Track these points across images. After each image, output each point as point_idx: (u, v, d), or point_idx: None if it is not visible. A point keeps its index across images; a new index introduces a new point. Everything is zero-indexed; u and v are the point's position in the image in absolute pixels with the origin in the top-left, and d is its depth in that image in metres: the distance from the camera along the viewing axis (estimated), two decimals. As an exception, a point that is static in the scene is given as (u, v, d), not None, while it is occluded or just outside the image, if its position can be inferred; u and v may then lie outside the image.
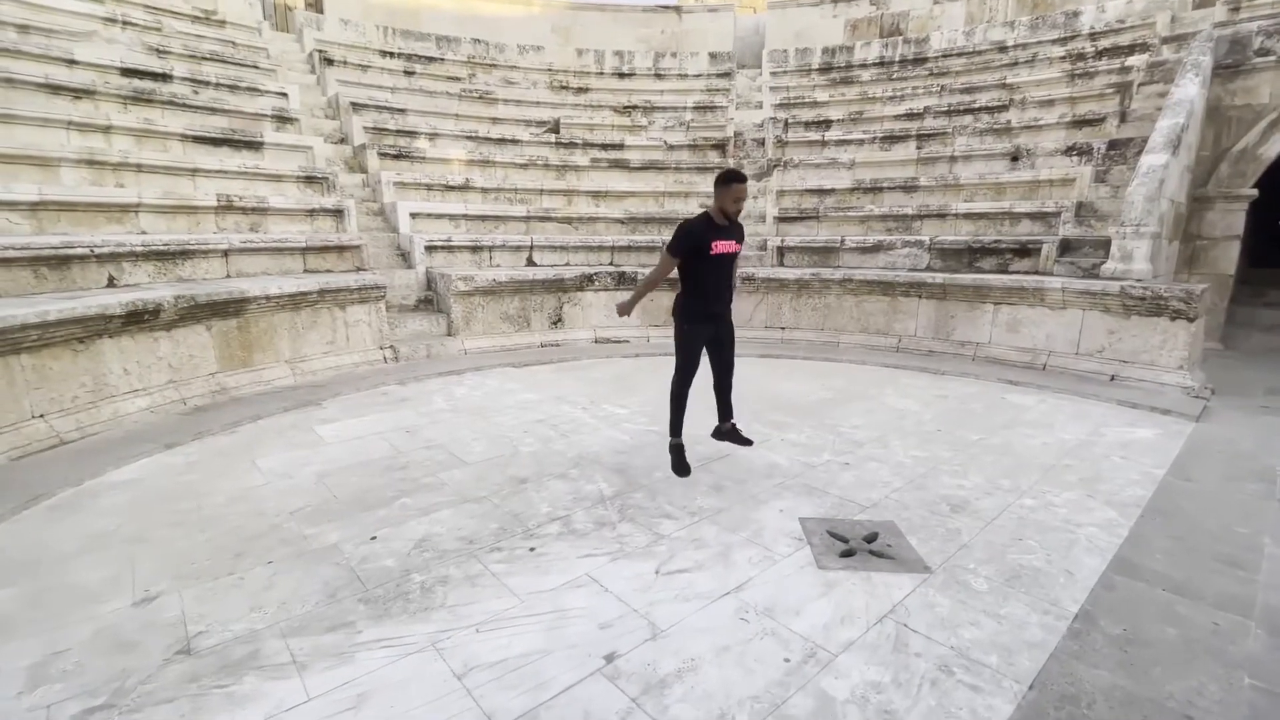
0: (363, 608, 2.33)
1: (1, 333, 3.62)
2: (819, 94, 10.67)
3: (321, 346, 5.89)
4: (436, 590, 2.44)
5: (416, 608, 2.33)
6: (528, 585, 2.48)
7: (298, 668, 2.02)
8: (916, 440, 4.21)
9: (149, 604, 2.36)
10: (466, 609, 2.33)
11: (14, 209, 4.72)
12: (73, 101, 6.06)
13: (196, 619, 2.27)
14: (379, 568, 2.61)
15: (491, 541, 2.82)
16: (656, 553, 2.73)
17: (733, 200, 3.18)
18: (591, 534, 2.90)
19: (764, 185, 9.33)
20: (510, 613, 2.30)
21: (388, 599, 2.39)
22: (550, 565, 2.62)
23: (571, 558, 2.68)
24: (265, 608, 2.33)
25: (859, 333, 7.38)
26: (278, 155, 7.23)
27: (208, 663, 2.05)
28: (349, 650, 2.10)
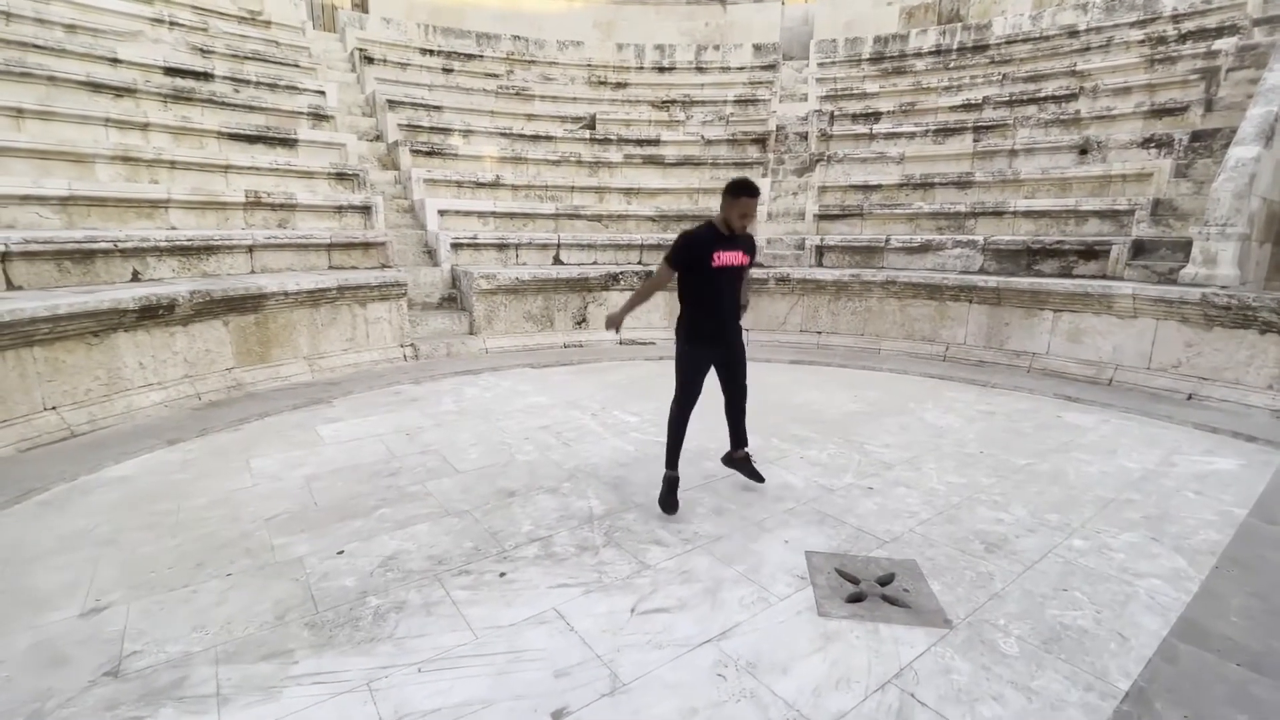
0: (307, 634, 2.15)
1: (11, 325, 3.65)
2: (868, 85, 10.10)
3: (341, 343, 5.87)
4: (389, 618, 2.24)
5: (363, 637, 2.14)
6: (487, 618, 2.25)
7: (219, 701, 1.85)
8: (954, 463, 3.78)
9: (95, 615, 2.25)
10: (415, 642, 2.11)
11: (44, 203, 4.83)
12: (114, 99, 6.23)
13: (136, 635, 2.14)
14: (337, 587, 2.43)
15: (461, 563, 2.61)
16: (637, 586, 2.45)
17: (739, 214, 2.85)
18: (570, 559, 2.65)
19: (805, 181, 8.87)
20: (460, 650, 2.07)
21: (335, 625, 2.20)
22: (517, 595, 2.39)
23: (542, 587, 2.44)
24: (209, 627, 2.19)
25: (902, 339, 6.88)
26: (311, 152, 7.28)
27: (131, 688, 1.90)
28: (279, 684, 1.92)
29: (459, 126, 8.85)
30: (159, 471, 3.53)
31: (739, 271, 3.04)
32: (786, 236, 8.15)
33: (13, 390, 3.76)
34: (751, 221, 2.91)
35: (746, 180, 2.87)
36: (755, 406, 4.74)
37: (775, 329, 7.45)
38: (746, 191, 2.84)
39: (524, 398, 5.13)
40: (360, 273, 6.17)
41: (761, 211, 8.48)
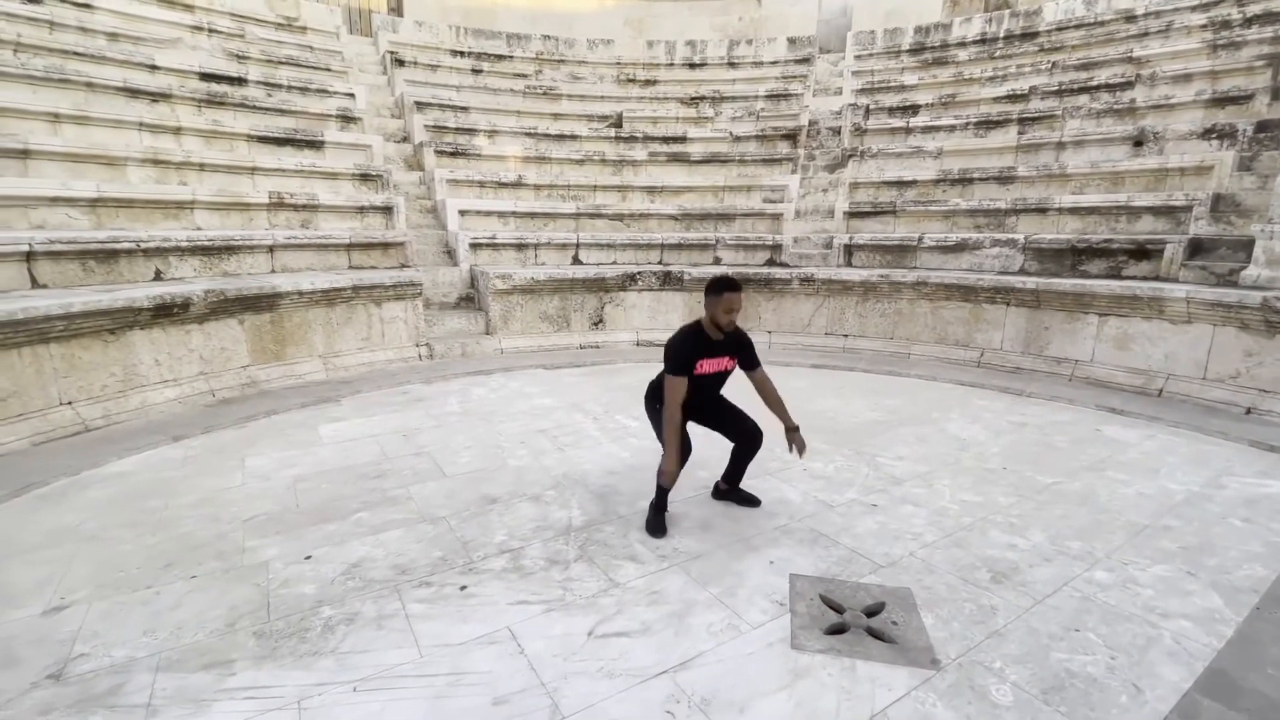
0: (253, 643, 2.10)
1: (25, 323, 3.77)
2: (907, 77, 9.66)
3: (356, 342, 5.92)
4: (338, 630, 2.17)
5: (307, 650, 2.07)
6: (438, 635, 2.14)
7: (147, 713, 1.80)
8: (972, 479, 3.50)
9: (56, 614, 2.25)
10: (358, 658, 2.03)
11: (74, 205, 5.01)
12: (149, 104, 6.46)
13: (89, 637, 2.12)
14: (295, 594, 2.37)
15: (425, 574, 2.52)
16: (602, 606, 2.31)
17: (724, 311, 2.75)
18: (538, 574, 2.52)
19: (836, 177, 8.54)
20: (402, 670, 1.97)
21: (283, 635, 2.14)
22: (474, 611, 2.28)
23: (502, 603, 2.32)
24: (159, 631, 2.15)
25: (934, 343, 6.51)
26: (337, 154, 7.40)
27: (69, 693, 1.88)
28: (211, 698, 1.86)
29: (484, 127, 8.87)
30: (157, 468, 3.59)
31: (723, 376, 3.00)
32: (814, 235, 7.85)
33: (29, 385, 3.89)
34: (737, 316, 2.79)
35: (727, 277, 2.79)
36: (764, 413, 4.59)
37: (799, 331, 7.18)
38: (729, 287, 2.74)
39: (530, 399, 5.04)
40: (375, 272, 6.21)
41: (789, 209, 8.21)
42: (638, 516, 2.99)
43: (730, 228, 8.25)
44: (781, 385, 5.49)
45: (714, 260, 7.86)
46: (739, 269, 7.37)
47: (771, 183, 8.61)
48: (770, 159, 9.01)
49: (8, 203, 4.68)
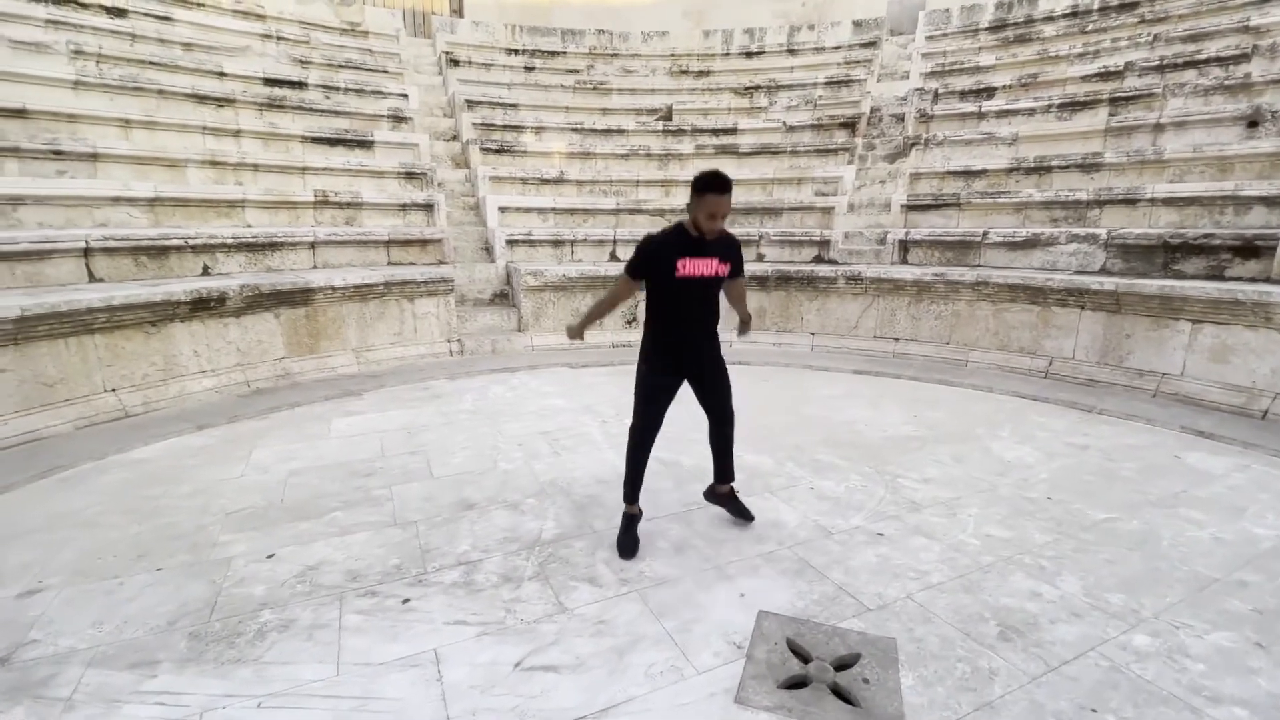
0: (184, 645, 2.07)
1: (70, 314, 4.03)
2: (983, 58, 8.85)
3: (389, 337, 6.03)
4: (269, 637, 2.11)
5: (231, 657, 2.01)
6: (363, 651, 2.04)
7: (65, 707, 1.80)
8: (1005, 510, 3.06)
9: (28, 597, 2.32)
10: (276, 670, 1.95)
11: (134, 204, 5.36)
12: (215, 109, 6.85)
13: (45, 624, 2.17)
14: (244, 595, 2.34)
15: (374, 582, 2.43)
16: (540, 633, 2.14)
17: (706, 214, 2.37)
18: (486, 591, 2.38)
19: (896, 168, 7.93)
20: (312, 688, 1.88)
21: (216, 638, 2.10)
22: (408, 628, 2.16)
23: (438, 621, 2.19)
24: (107, 624, 2.17)
25: (996, 350, 5.89)
26: (386, 153, 7.61)
27: (8, 679, 1.91)
28: (124, 698, 1.83)
29: (531, 123, 8.88)
30: (174, 456, 3.74)
31: (712, 284, 2.58)
32: (867, 230, 7.32)
33: (75, 373, 4.16)
34: (721, 221, 2.40)
35: (715, 173, 2.38)
36: (787, 422, 4.29)
37: (845, 334, 6.71)
38: (713, 187, 2.35)
39: (544, 399, 4.94)
40: (408, 268, 6.31)
41: (841, 202, 7.70)
42: (613, 532, 2.79)
43: (776, 222, 7.84)
44: (811, 392, 5.16)
45: (757, 256, 7.49)
46: (784, 265, 6.97)
47: (824, 174, 8.11)
48: (825, 149, 8.50)
49: (75, 202, 5.06)
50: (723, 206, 2.36)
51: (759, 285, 6.90)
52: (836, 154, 8.44)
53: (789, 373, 5.92)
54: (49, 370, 4.00)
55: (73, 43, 6.21)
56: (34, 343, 3.90)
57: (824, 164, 8.37)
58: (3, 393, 3.77)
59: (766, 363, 6.21)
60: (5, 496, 3.16)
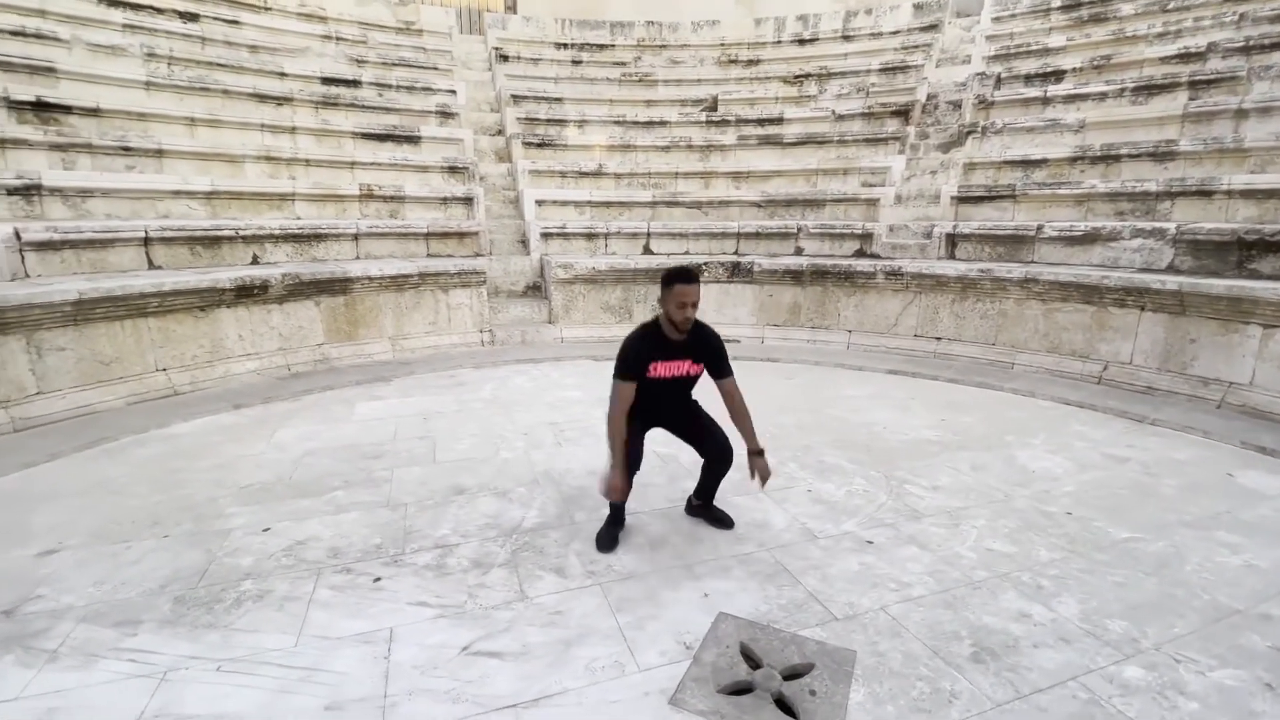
0: (168, 607, 2.21)
1: (124, 299, 4.38)
2: (1053, 39, 8.22)
3: (424, 326, 6.24)
4: (244, 605, 2.23)
5: (206, 621, 2.14)
6: (324, 625, 2.12)
7: (48, 658, 1.96)
8: (1014, 524, 2.85)
9: (45, 557, 2.55)
10: (242, 637, 2.06)
11: (193, 197, 5.76)
12: (275, 107, 7.25)
13: (53, 581, 2.37)
14: (232, 565, 2.48)
15: (353, 559, 2.52)
16: (495, 619, 2.16)
17: (676, 306, 2.41)
18: (455, 574, 2.43)
19: (949, 158, 7.51)
20: (271, 656, 1.97)
21: (199, 603, 2.24)
22: (373, 605, 2.23)
23: (402, 601, 2.25)
24: (107, 584, 2.35)
25: (1045, 352, 5.50)
26: (432, 148, 7.85)
27: (8, 628, 2.10)
28: (102, 654, 1.98)
29: (574, 117, 8.95)
30: (205, 433, 4.00)
31: (683, 383, 2.62)
32: (913, 223, 6.97)
33: (129, 352, 4.52)
34: (693, 310, 2.44)
35: (682, 267, 2.47)
36: (803, 422, 4.17)
37: (884, 332, 6.43)
38: (680, 278, 2.40)
39: (561, 390, 4.98)
40: (442, 260, 6.50)
41: (888, 194, 7.37)
42: (593, 524, 2.78)
43: (818, 215, 7.58)
44: (835, 391, 5.00)
45: (795, 250, 7.28)
46: (822, 259, 6.74)
47: (872, 164, 7.77)
48: (874, 138, 8.14)
49: (139, 195, 5.49)
50: (691, 295, 2.40)
51: (793, 280, 6.71)
52: (886, 143, 8.07)
53: (818, 371, 5.73)
54: (105, 349, 4.36)
55: (146, 46, 6.73)
56: (92, 324, 4.26)
57: (872, 154, 8.02)
58: (62, 369, 4.14)
59: (797, 360, 6.04)
60: (53, 463, 3.47)
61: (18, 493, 3.11)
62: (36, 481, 3.25)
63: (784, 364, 5.96)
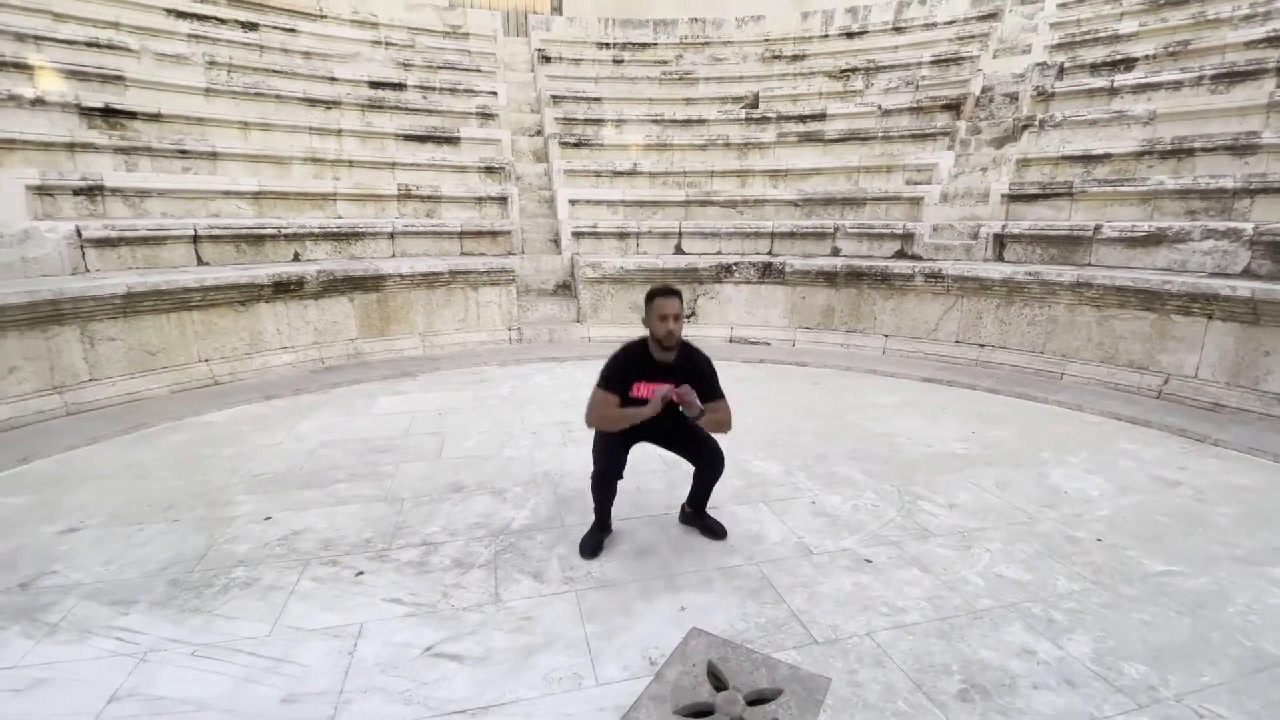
0: (162, 589, 2.30)
1: (169, 293, 4.63)
2: (1124, 24, 7.64)
3: (454, 323, 6.36)
4: (231, 592, 2.29)
5: (193, 605, 2.21)
6: (301, 616, 2.15)
7: (48, 631, 2.07)
8: (1033, 549, 2.63)
9: (66, 535, 2.70)
10: (221, 623, 2.12)
11: (241, 197, 6.05)
12: (323, 111, 7.55)
13: (69, 558, 2.51)
14: (229, 552, 2.57)
15: (341, 552, 2.57)
16: (464, 621, 2.14)
17: (657, 319, 2.41)
18: (434, 572, 2.43)
19: (1002, 153, 7.08)
20: (243, 644, 2.01)
21: (190, 587, 2.32)
22: (350, 599, 2.26)
23: (377, 597, 2.27)
24: (115, 563, 2.47)
25: (1099, 363, 5.10)
26: (471, 148, 8.01)
27: (21, 601, 2.23)
28: (95, 630, 2.07)
29: (612, 117, 8.94)
30: (235, 422, 4.18)
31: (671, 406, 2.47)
32: (959, 223, 6.60)
33: (174, 344, 4.78)
34: (675, 324, 2.41)
35: (663, 284, 2.55)
36: (821, 429, 4.04)
37: (922, 337, 6.12)
38: (659, 293, 2.45)
39: (579, 390, 4.93)
40: (471, 259, 6.60)
41: (933, 192, 7.02)
42: (582, 528, 2.73)
43: (857, 214, 7.29)
44: (865, 399, 4.81)
45: (831, 250, 7.03)
46: (859, 261, 6.48)
47: (918, 161, 7.43)
48: (922, 134, 7.77)
49: (194, 195, 5.81)
50: (671, 308, 2.41)
51: (827, 281, 6.48)
52: (935, 139, 7.70)
53: (847, 377, 5.51)
54: (152, 340, 4.63)
55: (209, 54, 7.12)
56: (140, 316, 4.52)
57: (919, 150, 7.66)
58: (113, 358, 4.42)
59: (827, 364, 5.83)
60: (93, 446, 3.70)
61: (56, 473, 3.33)
62: (75, 463, 3.47)
63: (812, 368, 5.76)
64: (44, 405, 4.09)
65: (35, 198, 4.97)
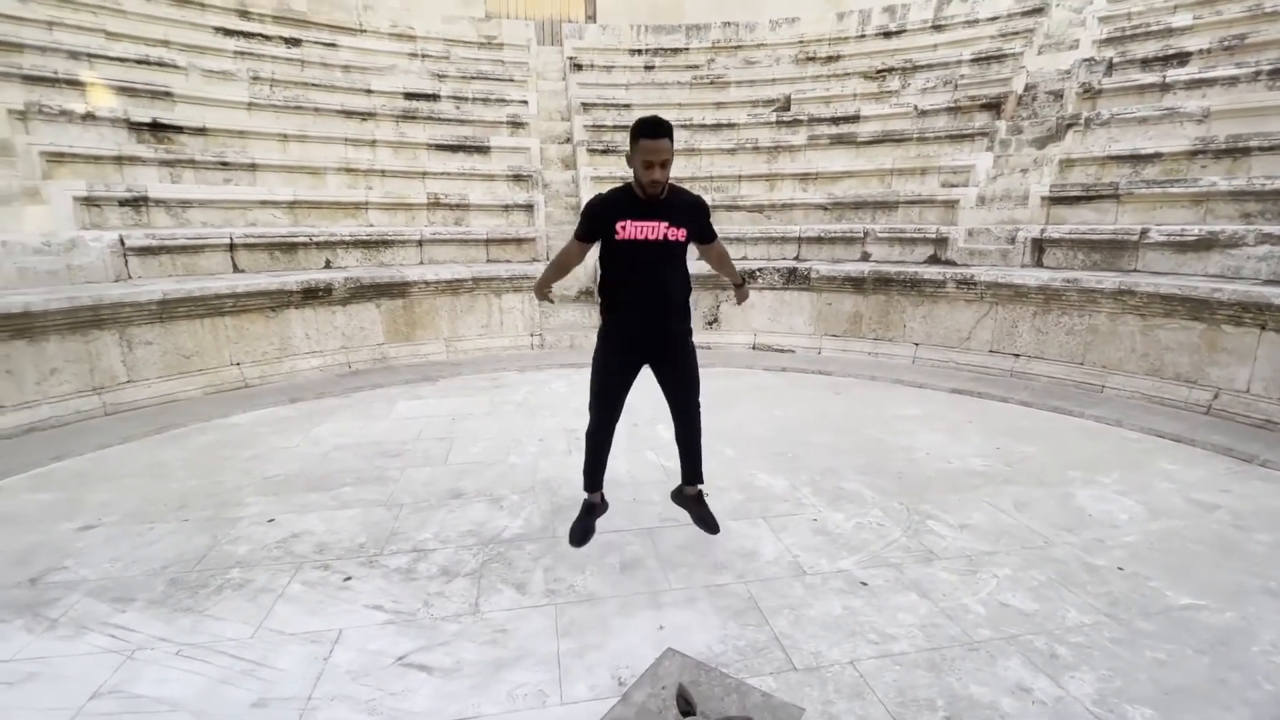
0: (161, 588, 2.39)
1: (203, 299, 4.84)
2: (1178, 18, 7.19)
3: (477, 329, 6.44)
4: (224, 593, 2.36)
5: (186, 605, 2.28)
6: (283, 620, 2.20)
7: (49, 626, 2.17)
8: (1048, 575, 2.47)
9: (83, 531, 2.83)
10: (209, 624, 2.18)
11: (277, 206, 6.29)
12: (359, 122, 7.79)
13: (81, 554, 2.63)
14: (229, 553, 2.65)
15: (334, 556, 2.61)
16: (440, 631, 2.14)
17: (642, 164, 2.16)
18: (420, 580, 2.44)
19: (1044, 154, 6.75)
20: (225, 645, 2.06)
21: (186, 586, 2.40)
22: (334, 605, 2.29)
23: (359, 604, 2.29)
24: (121, 561, 2.58)
25: (1143, 375, 4.79)
26: (500, 157, 8.12)
27: (27, 595, 2.34)
28: (93, 627, 2.16)
29: (641, 122, 8.92)
30: (258, 424, 4.33)
31: (661, 249, 2.31)
32: (996, 227, 6.31)
33: (208, 348, 4.99)
34: (661, 171, 2.17)
35: (650, 117, 2.18)
36: (834, 443, 3.92)
37: (954, 345, 5.87)
38: (646, 131, 2.13)
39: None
40: (495, 265, 6.69)
41: (970, 195, 6.74)
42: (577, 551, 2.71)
43: (889, 218, 7.07)
44: (887, 410, 4.66)
45: (861, 256, 6.82)
46: (888, 266, 6.26)
47: (954, 163, 7.14)
48: (959, 134, 7.48)
49: (232, 205, 6.06)
50: (660, 153, 2.13)
51: (854, 287, 6.29)
52: (973, 139, 7.39)
53: (873, 387, 5.33)
54: (186, 344, 4.84)
55: (253, 70, 7.44)
56: (175, 321, 4.74)
57: (956, 151, 7.37)
58: (149, 360, 4.64)
59: (852, 374, 5.65)
60: (123, 445, 3.88)
61: (84, 472, 3.50)
62: (104, 462, 3.65)
63: (836, 378, 5.59)
64: (83, 405, 4.32)
65: (82, 208, 5.27)
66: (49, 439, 3.94)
